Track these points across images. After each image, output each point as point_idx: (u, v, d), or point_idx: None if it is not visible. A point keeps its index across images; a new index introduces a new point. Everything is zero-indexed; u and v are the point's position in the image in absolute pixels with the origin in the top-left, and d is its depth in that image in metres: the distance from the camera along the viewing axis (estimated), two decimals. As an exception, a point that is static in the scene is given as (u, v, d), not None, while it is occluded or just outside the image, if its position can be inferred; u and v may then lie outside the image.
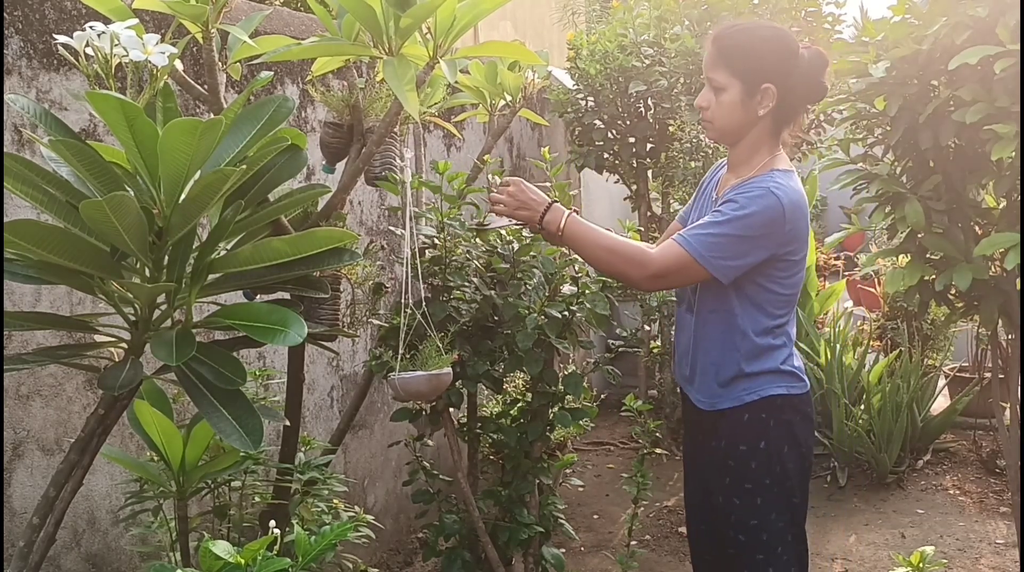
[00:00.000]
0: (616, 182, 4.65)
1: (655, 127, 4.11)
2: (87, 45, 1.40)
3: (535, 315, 2.13)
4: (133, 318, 1.51)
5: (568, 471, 3.78)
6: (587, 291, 2.23)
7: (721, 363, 1.89)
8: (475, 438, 2.44)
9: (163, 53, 1.41)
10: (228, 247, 1.61)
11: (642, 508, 2.70)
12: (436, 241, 2.16)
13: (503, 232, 2.25)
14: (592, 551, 3.44)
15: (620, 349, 4.28)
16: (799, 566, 1.93)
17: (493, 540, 2.31)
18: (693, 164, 3.79)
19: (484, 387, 2.31)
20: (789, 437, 1.88)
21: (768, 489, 1.87)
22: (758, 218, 1.76)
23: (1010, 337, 2.69)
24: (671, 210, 4.40)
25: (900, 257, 2.70)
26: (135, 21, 1.45)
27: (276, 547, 1.35)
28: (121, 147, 1.36)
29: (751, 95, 1.82)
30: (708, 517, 1.98)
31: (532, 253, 2.25)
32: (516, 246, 2.25)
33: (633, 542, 2.91)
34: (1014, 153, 2.10)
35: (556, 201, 1.88)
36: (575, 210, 1.91)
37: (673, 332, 3.61)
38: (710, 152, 3.78)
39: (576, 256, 2.17)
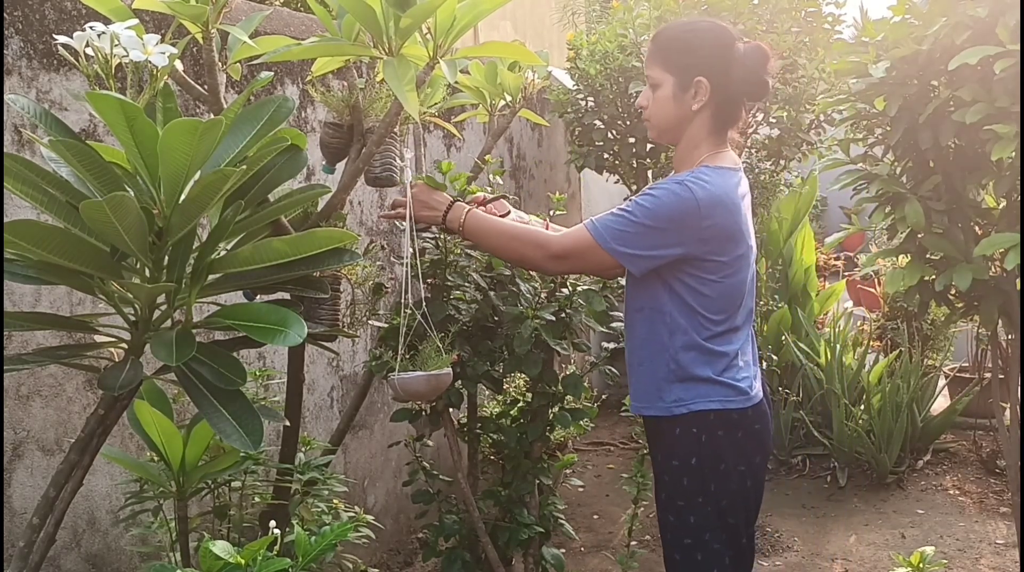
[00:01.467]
0: (616, 182, 4.65)
1: (655, 127, 4.10)
2: (87, 45, 1.40)
3: (530, 320, 2.12)
4: (133, 318, 1.51)
5: (568, 471, 3.78)
6: (579, 289, 2.22)
7: (647, 363, 1.82)
8: (475, 438, 2.44)
9: (163, 53, 1.41)
10: (228, 247, 1.61)
11: (642, 508, 2.70)
12: (437, 242, 2.16)
13: None
14: (592, 551, 3.44)
15: (615, 349, 4.27)
16: None
17: (493, 540, 2.31)
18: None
19: (484, 387, 2.31)
20: (726, 454, 1.78)
21: (701, 508, 1.79)
22: (666, 210, 1.71)
23: (1010, 337, 2.69)
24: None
25: (900, 257, 2.70)
26: (135, 21, 1.45)
27: (276, 547, 1.35)
28: (121, 147, 1.36)
29: (684, 89, 1.78)
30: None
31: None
32: None
33: (633, 542, 2.91)
34: (1014, 153, 2.10)
35: (458, 199, 1.91)
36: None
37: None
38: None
39: None
